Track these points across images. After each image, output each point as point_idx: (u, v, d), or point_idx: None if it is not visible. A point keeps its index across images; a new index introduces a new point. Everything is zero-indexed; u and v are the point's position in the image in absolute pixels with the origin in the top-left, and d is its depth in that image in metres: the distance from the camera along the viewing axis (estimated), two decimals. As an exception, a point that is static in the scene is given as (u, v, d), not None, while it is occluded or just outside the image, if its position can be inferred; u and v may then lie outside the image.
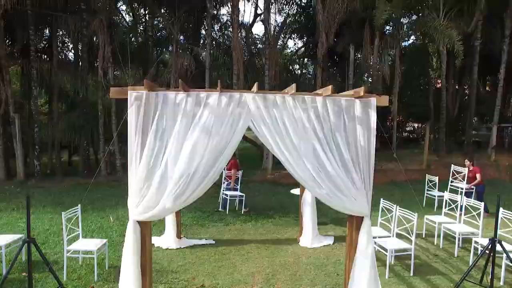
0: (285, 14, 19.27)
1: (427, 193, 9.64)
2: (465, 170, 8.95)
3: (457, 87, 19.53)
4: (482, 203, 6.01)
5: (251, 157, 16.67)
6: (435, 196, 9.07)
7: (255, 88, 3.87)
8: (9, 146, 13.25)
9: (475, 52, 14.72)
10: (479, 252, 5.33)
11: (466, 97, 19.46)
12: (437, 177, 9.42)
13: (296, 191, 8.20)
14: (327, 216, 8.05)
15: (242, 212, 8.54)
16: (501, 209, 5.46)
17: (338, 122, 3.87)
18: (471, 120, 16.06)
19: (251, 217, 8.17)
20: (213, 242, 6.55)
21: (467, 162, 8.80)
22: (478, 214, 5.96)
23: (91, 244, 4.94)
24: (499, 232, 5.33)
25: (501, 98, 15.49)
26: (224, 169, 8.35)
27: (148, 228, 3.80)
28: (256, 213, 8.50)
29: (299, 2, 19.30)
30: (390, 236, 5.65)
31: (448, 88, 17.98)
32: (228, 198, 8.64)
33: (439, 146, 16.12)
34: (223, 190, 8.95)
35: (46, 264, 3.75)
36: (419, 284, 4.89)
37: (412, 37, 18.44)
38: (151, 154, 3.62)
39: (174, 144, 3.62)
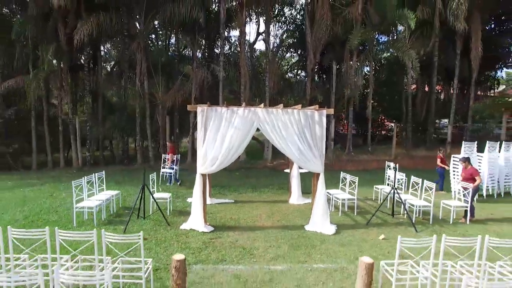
0: (282, 30, 22.51)
1: (387, 174, 12.85)
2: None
3: (427, 89, 22.72)
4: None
5: (255, 150, 19.94)
6: (389, 176, 12.24)
7: (262, 105, 7.07)
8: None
9: (434, 67, 17.92)
10: (402, 206, 8.55)
11: (440, 101, 22.77)
12: (392, 163, 12.58)
13: (287, 170, 11.39)
14: (310, 190, 11.25)
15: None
16: (413, 177, 8.69)
17: (306, 123, 7.08)
18: (432, 121, 19.24)
19: (256, 189, 11.37)
20: (233, 201, 9.72)
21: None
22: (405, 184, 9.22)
23: (165, 195, 8.16)
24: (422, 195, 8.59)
25: (456, 103, 18.61)
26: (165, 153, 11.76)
27: (206, 178, 7.03)
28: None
29: (293, 21, 22.50)
30: (344, 192, 8.86)
31: (417, 94, 21.20)
32: (166, 174, 11.56)
33: (407, 142, 19.29)
34: (166, 170, 11.77)
35: (152, 198, 6.95)
36: (357, 218, 8.09)
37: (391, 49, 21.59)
38: (208, 141, 6.82)
39: (221, 135, 6.83)
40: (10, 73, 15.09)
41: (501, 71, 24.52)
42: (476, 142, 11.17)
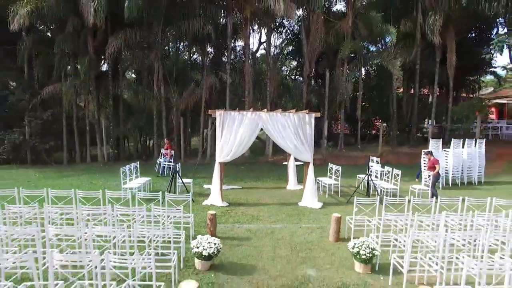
0: (282, 38, 24.53)
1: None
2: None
3: (412, 92, 24.70)
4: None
5: (257, 148, 21.98)
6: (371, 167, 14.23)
7: (265, 110, 9.07)
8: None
9: (416, 73, 19.92)
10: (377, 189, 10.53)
11: (428, 104, 24.90)
12: (374, 157, 14.59)
13: (285, 163, 13.40)
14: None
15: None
16: (380, 166, 10.68)
17: (299, 123, 9.08)
18: (415, 121, 21.27)
19: (259, 179, 13.38)
20: (240, 187, 11.72)
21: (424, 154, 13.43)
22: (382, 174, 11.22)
23: (188, 180, 10.18)
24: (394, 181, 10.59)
25: (437, 105, 20.57)
26: (162, 148, 14.07)
27: (222, 165, 9.05)
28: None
29: (292, 30, 24.51)
30: (330, 178, 10.87)
31: (404, 97, 23.19)
32: (163, 165, 13.59)
33: (392, 140, 21.28)
34: (161, 162, 13.73)
35: (181, 180, 8.97)
36: (340, 199, 10.09)
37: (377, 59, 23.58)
38: (224, 137, 8.84)
39: (234, 132, 8.83)
40: (45, 81, 17.11)
41: (480, 77, 26.49)
42: (441, 139, 13.18)
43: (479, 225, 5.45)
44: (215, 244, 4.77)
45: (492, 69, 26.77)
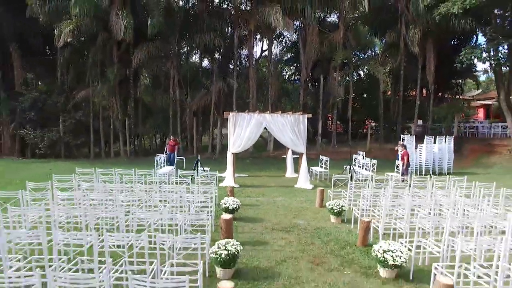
0: (281, 46, 26.83)
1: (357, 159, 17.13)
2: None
3: (399, 94, 26.97)
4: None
5: (260, 145, 24.28)
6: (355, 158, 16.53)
7: (268, 112, 11.37)
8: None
9: (401, 78, 22.19)
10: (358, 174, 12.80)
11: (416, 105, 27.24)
12: (361, 152, 16.86)
13: (284, 156, 15.70)
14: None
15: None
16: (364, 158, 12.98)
17: (295, 122, 11.37)
18: (400, 121, 23.58)
19: (262, 169, 15.66)
20: (247, 175, 14.00)
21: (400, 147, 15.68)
22: (364, 164, 13.50)
23: (206, 168, 12.48)
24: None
25: (419, 106, 22.83)
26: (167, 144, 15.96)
27: (235, 154, 11.35)
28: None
29: (290, 38, 26.82)
30: (321, 168, 13.17)
31: (391, 99, 25.47)
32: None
33: (380, 138, 23.56)
34: (168, 156, 15.56)
35: (202, 168, 11.29)
36: (328, 183, 12.35)
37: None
38: (236, 133, 11.13)
39: (244, 129, 11.13)
40: (74, 85, 19.45)
41: (463, 81, 28.80)
42: (415, 136, 15.45)
43: (415, 190, 7.75)
44: (236, 202, 7.06)
45: (473, 73, 29.05)
